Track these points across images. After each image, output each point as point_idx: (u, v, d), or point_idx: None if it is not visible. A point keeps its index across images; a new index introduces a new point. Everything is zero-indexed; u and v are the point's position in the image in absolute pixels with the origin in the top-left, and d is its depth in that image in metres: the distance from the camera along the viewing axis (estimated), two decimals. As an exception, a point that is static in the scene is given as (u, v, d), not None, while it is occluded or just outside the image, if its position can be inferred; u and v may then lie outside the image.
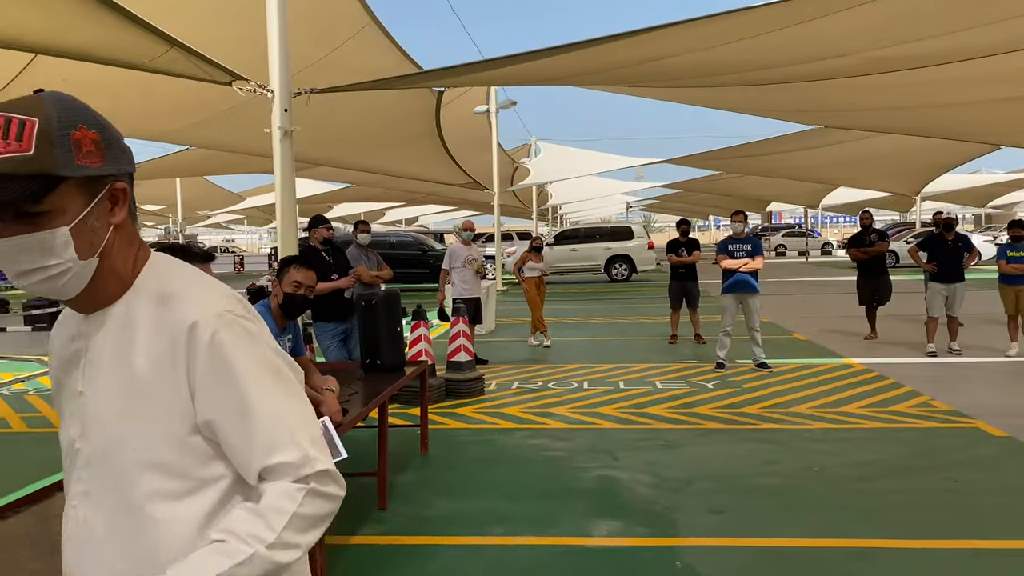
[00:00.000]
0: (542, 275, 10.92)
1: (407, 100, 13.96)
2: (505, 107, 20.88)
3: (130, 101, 13.88)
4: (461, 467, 5.39)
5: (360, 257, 7.70)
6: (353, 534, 4.16)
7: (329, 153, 17.43)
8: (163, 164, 23.61)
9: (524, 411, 6.96)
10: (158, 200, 40.50)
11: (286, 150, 6.77)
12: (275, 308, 3.79)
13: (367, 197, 35.94)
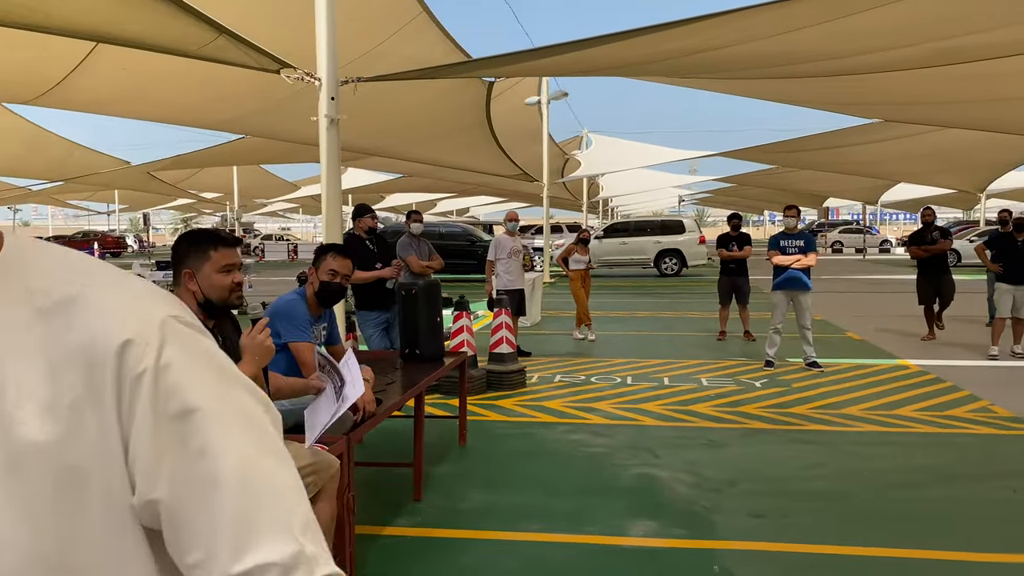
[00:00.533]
0: (588, 268, 10.80)
1: (457, 91, 13.94)
2: (556, 98, 20.74)
3: (188, 90, 14.16)
4: (499, 460, 5.33)
5: (411, 247, 7.70)
6: (386, 525, 4.14)
7: (379, 143, 17.53)
8: (220, 152, 24.06)
9: (565, 405, 6.88)
10: (216, 188, 41.33)
11: (332, 139, 6.78)
12: (311, 296, 3.78)
13: (418, 188, 36.14)
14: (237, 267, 2.68)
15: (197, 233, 2.68)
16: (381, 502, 4.51)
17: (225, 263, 2.64)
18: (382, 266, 6.54)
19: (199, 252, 2.63)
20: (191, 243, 2.65)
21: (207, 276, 2.62)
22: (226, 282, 2.63)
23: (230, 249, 2.67)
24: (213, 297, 2.62)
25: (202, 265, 2.62)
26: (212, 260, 2.63)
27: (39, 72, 13.08)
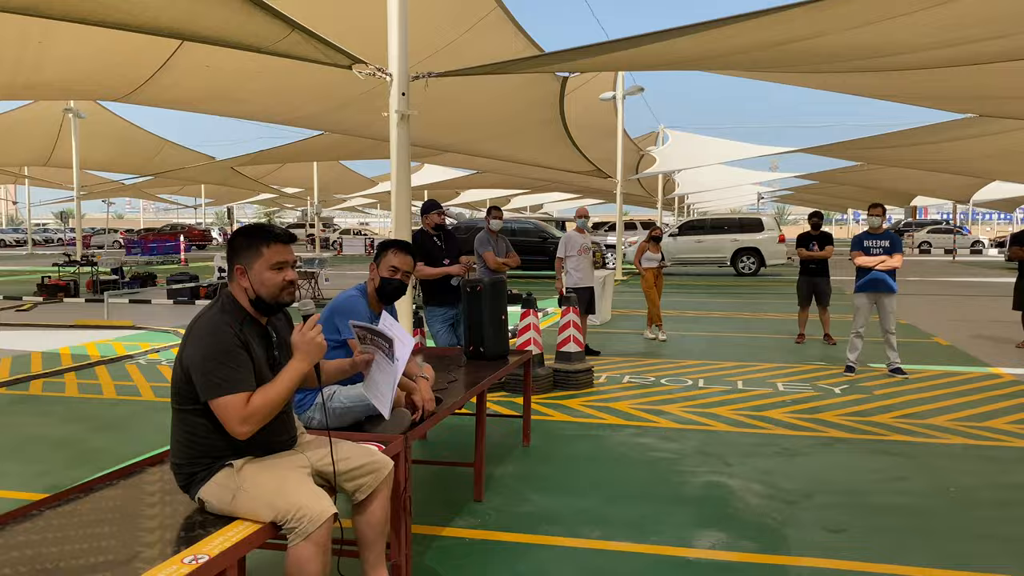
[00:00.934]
0: (660, 266, 10.56)
1: (531, 86, 13.85)
2: (632, 93, 20.43)
3: (268, 87, 14.47)
4: (562, 462, 5.22)
5: (488, 243, 7.66)
6: (445, 525, 4.07)
7: (453, 139, 17.59)
8: (300, 148, 24.58)
9: (633, 407, 6.71)
10: (297, 183, 42.32)
11: (402, 134, 6.77)
12: (371, 292, 3.73)
13: (492, 184, 36.25)
14: (290, 264, 2.64)
15: (251, 228, 2.64)
16: (441, 502, 4.45)
17: (277, 260, 2.59)
18: (450, 262, 6.50)
19: (252, 248, 2.60)
20: (245, 238, 2.61)
21: (258, 273, 2.58)
22: (277, 280, 2.59)
23: (283, 246, 2.62)
24: (264, 294, 2.58)
25: (254, 261, 2.59)
26: (264, 257, 2.58)
27: (129, 71, 13.56)
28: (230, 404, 2.41)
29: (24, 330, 11.69)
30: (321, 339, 2.54)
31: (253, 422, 2.43)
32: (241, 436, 2.43)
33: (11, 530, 2.33)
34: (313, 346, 2.53)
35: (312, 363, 2.54)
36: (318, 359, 2.56)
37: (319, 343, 2.54)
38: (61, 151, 27.53)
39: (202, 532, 2.33)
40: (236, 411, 2.41)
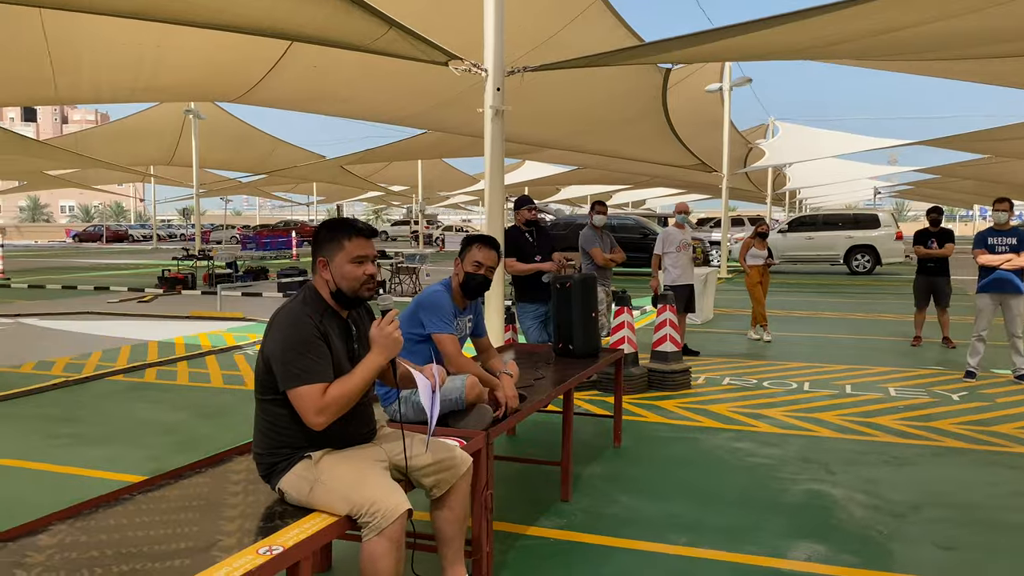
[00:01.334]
0: (766, 263, 10.19)
1: (632, 79, 13.62)
2: (739, 85, 19.84)
3: (372, 87, 14.80)
4: (654, 464, 5.08)
5: (595, 239, 7.60)
6: (530, 524, 4.02)
7: (553, 135, 17.52)
8: (405, 146, 25.08)
9: (732, 410, 6.48)
10: (402, 181, 43.26)
11: (496, 130, 6.76)
12: (455, 288, 3.72)
13: (593, 180, 36.00)
14: (371, 259, 2.64)
15: (335, 222, 2.66)
16: (527, 500, 4.41)
17: (358, 254, 2.60)
18: (541, 259, 6.44)
19: (334, 241, 2.61)
20: (328, 231, 2.63)
21: (339, 266, 2.59)
22: (357, 273, 2.60)
23: (364, 240, 2.63)
24: (344, 287, 2.60)
25: (336, 254, 2.60)
26: (345, 250, 2.60)
27: (241, 73, 14.13)
28: (307, 394, 2.43)
29: (144, 320, 12.36)
30: (398, 334, 2.53)
31: (329, 413, 2.45)
32: (317, 427, 2.45)
33: (103, 513, 2.42)
34: (390, 341, 2.52)
35: (388, 358, 2.54)
36: (395, 354, 2.56)
37: (396, 338, 2.53)
38: (183, 150, 29.07)
39: (280, 523, 2.36)
40: (312, 401, 2.43)
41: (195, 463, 2.87)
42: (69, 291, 17.30)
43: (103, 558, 2.09)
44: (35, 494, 4.48)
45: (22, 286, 18.33)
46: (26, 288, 17.98)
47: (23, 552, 2.13)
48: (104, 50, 12.34)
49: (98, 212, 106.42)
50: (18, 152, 24.82)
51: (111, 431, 5.80)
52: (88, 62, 12.99)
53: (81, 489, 4.46)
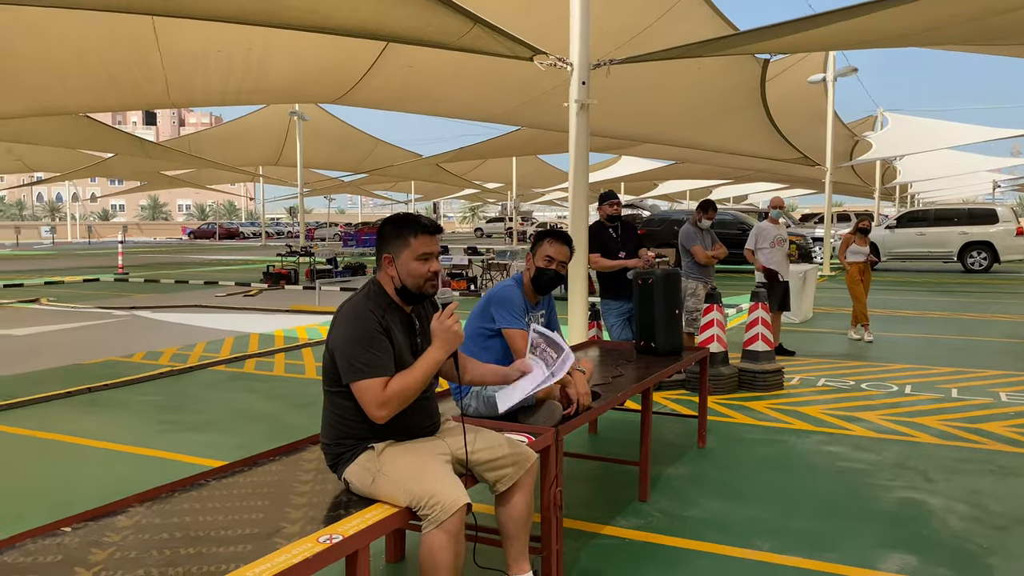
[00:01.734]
0: (868, 260, 9.74)
1: (729, 71, 13.28)
2: (844, 75, 19.04)
3: (466, 85, 14.96)
4: (739, 467, 4.92)
5: (695, 236, 7.46)
6: (606, 524, 3.96)
7: (647, 129, 17.27)
8: (499, 143, 25.24)
9: (826, 412, 6.22)
10: (498, 178, 43.61)
11: (581, 124, 6.69)
12: (527, 283, 3.69)
13: (691, 175, 35.30)
14: (435, 255, 2.66)
15: (400, 217, 2.68)
16: (604, 499, 4.34)
17: (423, 251, 2.62)
18: (626, 255, 6.35)
19: (400, 238, 2.64)
20: (393, 227, 2.66)
21: (405, 263, 2.62)
22: (422, 270, 2.62)
23: (430, 237, 2.65)
24: (409, 284, 2.62)
25: (401, 251, 2.63)
26: (411, 247, 2.62)
27: (340, 74, 14.53)
28: (369, 388, 2.46)
29: (248, 313, 12.88)
30: (458, 327, 2.53)
31: (390, 406, 2.48)
32: (379, 420, 2.48)
33: (179, 497, 2.52)
34: (450, 334, 2.53)
35: (448, 352, 2.54)
36: (455, 348, 2.56)
37: (456, 331, 2.53)
38: (288, 151, 30.15)
39: (343, 512, 2.39)
40: (374, 395, 2.46)
41: (270, 451, 2.95)
42: (181, 285, 18.22)
43: (172, 540, 2.17)
44: (136, 477, 4.71)
45: (139, 280, 19.42)
46: (142, 282, 19.04)
47: (102, 532, 2.23)
48: (211, 55, 12.92)
49: (212, 211, 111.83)
50: (138, 153, 26.31)
51: (209, 419, 6.06)
52: (197, 67, 13.62)
53: (176, 473, 4.67)
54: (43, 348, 9.36)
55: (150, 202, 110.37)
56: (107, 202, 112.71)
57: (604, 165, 42.00)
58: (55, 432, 5.65)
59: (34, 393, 6.79)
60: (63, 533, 2.22)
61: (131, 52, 12.30)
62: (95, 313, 12.84)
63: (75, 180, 60.00)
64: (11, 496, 4.41)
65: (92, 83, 13.60)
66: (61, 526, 2.26)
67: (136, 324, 11.61)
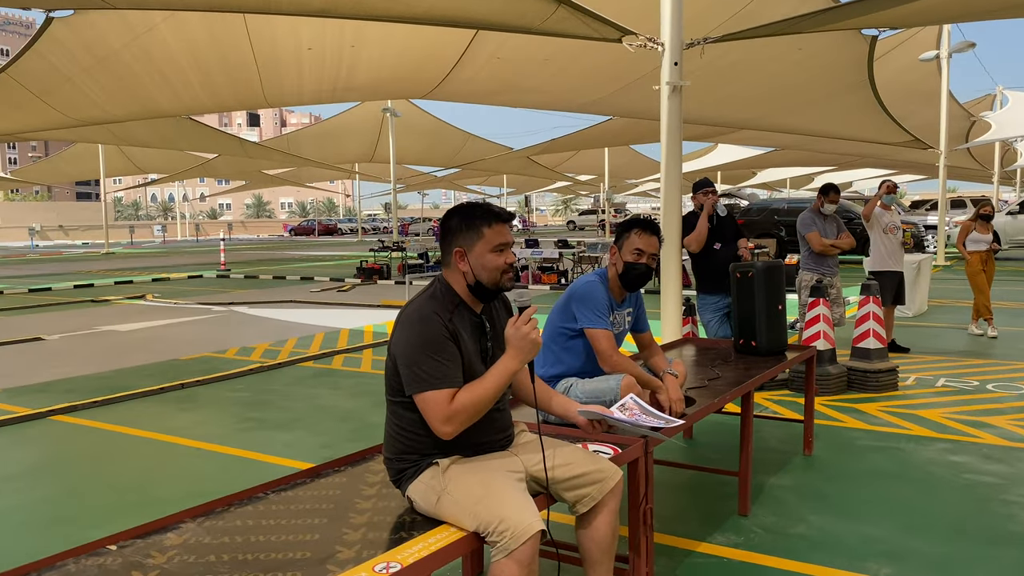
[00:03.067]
0: (990, 249, 8.95)
1: (832, 50, 12.53)
2: (960, 51, 17.78)
3: (555, 73, 14.66)
4: (850, 478, 4.48)
5: (812, 223, 6.94)
6: (700, 539, 3.63)
7: (745, 114, 16.59)
8: (590, 134, 24.85)
9: (948, 416, 5.66)
10: (589, 170, 43.12)
11: (674, 107, 6.31)
12: (612, 277, 3.37)
13: (793, 162, 33.97)
14: (510, 246, 2.41)
15: (468, 207, 2.43)
16: (700, 512, 4.01)
17: (499, 242, 2.37)
18: (722, 245, 5.95)
19: (471, 229, 2.39)
20: (462, 218, 2.41)
21: (479, 256, 2.37)
22: (499, 262, 2.37)
23: (504, 226, 2.40)
24: (484, 279, 2.37)
25: (474, 243, 2.38)
26: (485, 238, 2.37)
27: (428, 69, 14.46)
28: (434, 400, 2.24)
29: (341, 309, 12.99)
30: (536, 335, 2.25)
31: (457, 422, 2.24)
32: (445, 436, 2.25)
33: (233, 512, 2.35)
34: (526, 342, 2.26)
35: (524, 361, 2.27)
36: (531, 357, 2.28)
37: (533, 339, 2.26)
38: (382, 147, 30.58)
39: (405, 535, 2.17)
40: (440, 409, 2.23)
41: (334, 461, 2.76)
42: (278, 281, 18.64)
43: (218, 564, 1.99)
44: (217, 476, 4.66)
45: (239, 276, 20.00)
46: (243, 278, 19.59)
47: (148, 551, 2.08)
48: (303, 53, 13.07)
49: (312, 208, 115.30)
50: (238, 153, 27.19)
51: (293, 417, 6.01)
52: (289, 65, 13.82)
53: (255, 473, 4.60)
54: (143, 344, 9.62)
55: (254, 201, 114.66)
56: (215, 201, 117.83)
57: (700, 154, 40.95)
58: (144, 429, 5.69)
59: (130, 389, 6.92)
60: (107, 552, 2.07)
61: (226, 52, 12.55)
62: (196, 309, 13.21)
63: (185, 180, 62.81)
64: (96, 493, 4.42)
65: (191, 85, 13.99)
66: (107, 544, 2.12)
67: (233, 320, 11.85)
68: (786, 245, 18.73)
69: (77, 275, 21.24)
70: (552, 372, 3.26)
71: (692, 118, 16.98)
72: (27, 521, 4.01)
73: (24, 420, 5.96)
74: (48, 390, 7.03)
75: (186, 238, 57.36)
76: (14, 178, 39.60)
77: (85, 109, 14.31)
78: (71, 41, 11.11)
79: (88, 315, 12.59)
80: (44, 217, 58.00)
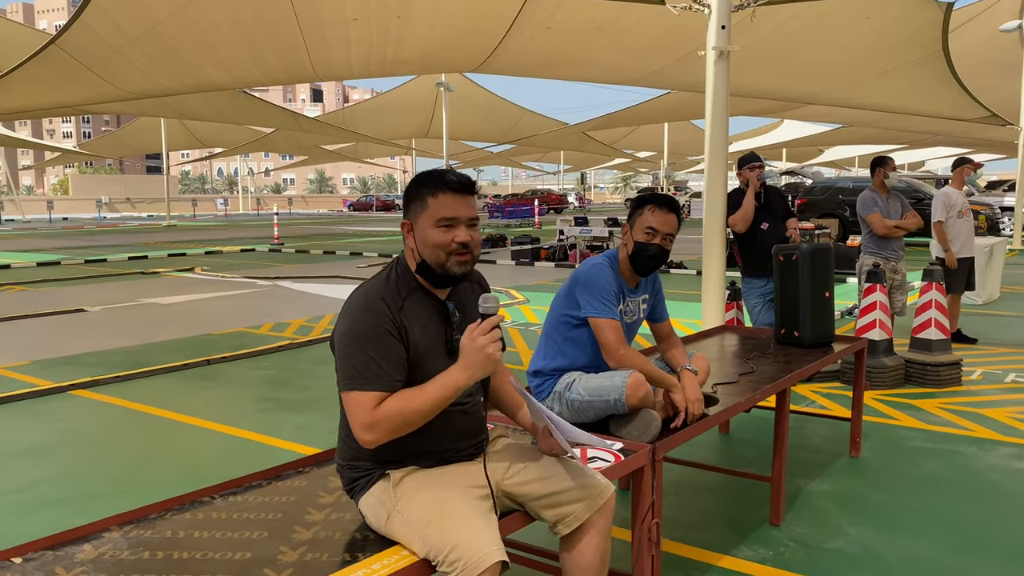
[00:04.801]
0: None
1: (903, 20, 11.76)
2: (1046, 20, 16.57)
3: (608, 44, 14.14)
4: (900, 484, 4.04)
5: (874, 203, 6.37)
6: (723, 551, 3.26)
7: (810, 88, 15.82)
8: (648, 109, 24.17)
9: (1016, 416, 5.14)
10: (649, 146, 42.24)
11: (720, 74, 5.84)
12: (623, 260, 2.98)
13: (861, 139, 32.65)
14: (464, 222, 2.01)
15: (422, 175, 2.06)
16: (727, 519, 3.63)
17: (444, 215, 1.99)
18: (770, 225, 5.49)
19: (417, 198, 2.03)
20: (413, 186, 2.05)
21: (423, 230, 2.00)
22: (442, 239, 1.98)
23: (455, 196, 2.00)
24: (428, 258, 2.01)
25: (419, 215, 2.02)
26: (429, 210, 2.00)
27: (478, 38, 14.07)
28: (356, 402, 1.90)
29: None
30: (493, 349, 1.86)
31: (380, 431, 1.89)
32: (366, 444, 1.91)
33: (167, 520, 2.09)
34: (480, 356, 1.87)
35: (474, 378, 1.90)
36: (484, 374, 1.90)
37: (488, 354, 1.87)
38: (436, 123, 30.32)
39: (348, 558, 1.87)
40: (362, 413, 1.89)
41: (298, 461, 2.48)
42: (328, 256, 18.61)
43: (121, 588, 1.72)
44: (219, 461, 4.46)
45: (291, 251, 20.05)
46: (294, 252, 19.63)
47: (52, 567, 1.82)
48: (349, 23, 12.82)
49: (373, 184, 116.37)
50: (293, 128, 27.29)
51: (310, 398, 5.79)
52: (335, 39, 13.60)
53: (258, 458, 4.38)
54: (182, 317, 9.57)
55: (317, 176, 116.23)
56: (279, 176, 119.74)
57: (764, 130, 39.72)
58: (160, 407, 5.55)
59: (156, 364, 6.81)
60: (8, 566, 1.83)
61: (271, 23, 12.38)
62: (241, 283, 13.20)
63: (251, 155, 63.64)
64: (93, 476, 4.26)
65: (239, 57, 13.90)
66: (12, 555, 1.87)
67: (275, 294, 11.78)
68: (849, 226, 17.90)
69: (135, 247, 21.61)
70: (553, 365, 2.91)
71: (753, 91, 16.26)
72: (16, 504, 3.86)
73: (44, 394, 5.88)
74: (75, 363, 6.97)
75: (247, 211, 58.31)
76: (83, 151, 40.65)
77: (136, 81, 14.36)
78: (115, 11, 11.07)
79: (135, 287, 12.68)
80: (112, 189, 59.64)
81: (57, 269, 15.80)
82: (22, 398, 5.76)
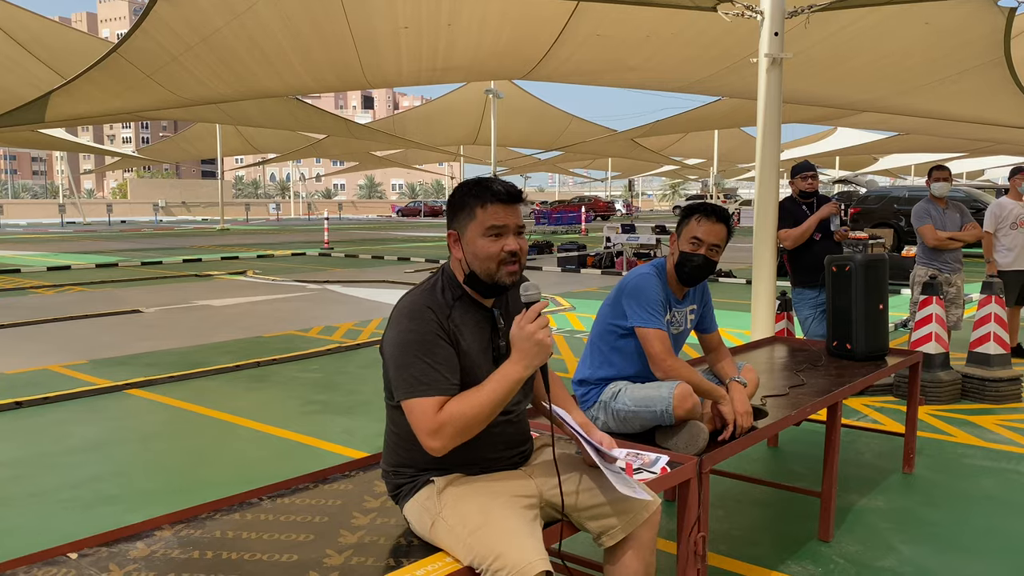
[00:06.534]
0: None
1: (963, 25, 11.43)
2: (1115, 25, 15.97)
3: (658, 51, 14.06)
4: (955, 504, 3.92)
5: (927, 215, 6.22)
6: (771, 567, 3.20)
7: (864, 95, 15.52)
8: (697, 116, 23.98)
9: (1081, 436, 4.96)
10: (698, 153, 41.83)
11: (773, 82, 5.75)
12: (670, 270, 2.96)
13: (918, 147, 31.83)
14: (513, 231, 2.01)
15: (467, 183, 2.06)
16: (774, 534, 3.56)
17: (493, 223, 1.98)
18: (821, 236, 5.38)
19: (463, 208, 2.03)
20: (458, 195, 2.05)
21: (471, 241, 2.00)
22: (492, 250, 1.97)
23: (503, 206, 1.98)
24: (477, 269, 2.01)
25: (467, 226, 2.02)
26: (477, 220, 2.00)
27: (528, 46, 14.12)
28: (420, 409, 1.90)
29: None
30: (543, 335, 1.87)
31: (446, 435, 1.89)
32: (434, 452, 1.91)
33: (216, 520, 2.13)
34: (531, 344, 1.87)
35: (531, 368, 1.90)
36: (539, 363, 1.90)
37: (539, 340, 1.87)
38: (485, 129, 30.43)
39: (393, 563, 1.88)
40: (426, 419, 1.89)
41: (345, 464, 2.51)
42: (376, 261, 18.81)
43: (172, 586, 1.76)
44: (266, 462, 4.53)
45: (340, 255, 20.32)
46: (343, 257, 19.88)
47: (107, 564, 1.87)
48: (400, 32, 12.97)
49: (422, 190, 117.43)
50: (343, 134, 27.65)
51: (357, 401, 5.85)
52: (387, 46, 13.77)
53: (305, 462, 4.44)
54: (233, 319, 9.76)
55: (367, 181, 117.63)
56: (330, 181, 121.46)
57: (818, 137, 39.04)
58: (210, 407, 5.66)
59: (207, 365, 6.95)
60: (63, 561, 1.88)
61: (324, 31, 12.59)
62: (292, 286, 13.42)
63: (302, 160, 64.64)
64: (146, 474, 4.36)
65: (292, 65, 14.15)
66: (68, 551, 1.92)
67: (324, 298, 11.94)
68: (904, 236, 17.50)
69: (190, 250, 22.11)
70: (600, 375, 2.90)
71: (805, 98, 15.99)
72: (73, 499, 3.97)
73: (100, 392, 6.05)
74: (131, 363, 7.15)
75: (299, 216, 59.25)
76: (140, 156, 41.76)
77: (192, 88, 14.71)
78: (175, 20, 11.36)
79: (189, 289, 12.98)
80: (169, 194, 61.18)
81: (115, 271, 16.25)
82: (79, 396, 5.93)
